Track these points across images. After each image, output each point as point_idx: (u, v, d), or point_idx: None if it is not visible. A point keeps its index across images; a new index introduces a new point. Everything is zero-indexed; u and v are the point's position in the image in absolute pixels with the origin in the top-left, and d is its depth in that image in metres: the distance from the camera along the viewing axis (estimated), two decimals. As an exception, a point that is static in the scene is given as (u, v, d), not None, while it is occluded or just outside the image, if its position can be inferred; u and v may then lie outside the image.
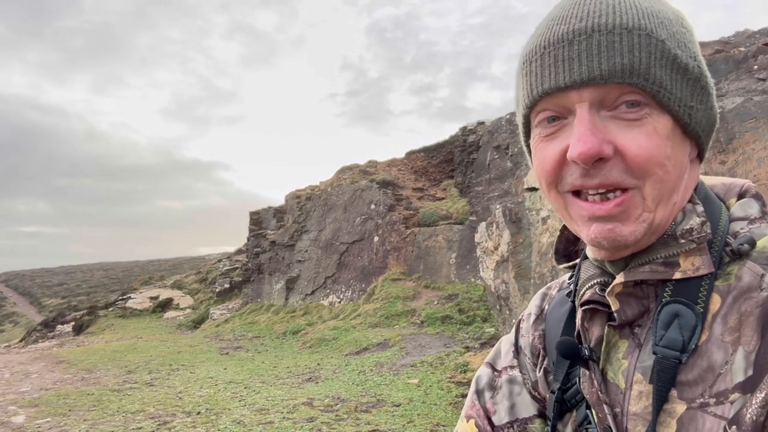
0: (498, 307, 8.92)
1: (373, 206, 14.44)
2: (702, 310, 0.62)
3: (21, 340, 21.74)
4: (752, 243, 0.63)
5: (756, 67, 5.22)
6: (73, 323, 21.33)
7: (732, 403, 0.57)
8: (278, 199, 18.81)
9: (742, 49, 5.67)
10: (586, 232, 0.66)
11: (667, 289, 0.65)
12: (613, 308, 0.68)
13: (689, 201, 0.67)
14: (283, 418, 5.49)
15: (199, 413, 5.83)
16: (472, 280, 11.21)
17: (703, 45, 6.32)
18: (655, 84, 0.61)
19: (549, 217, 6.75)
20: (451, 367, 7.22)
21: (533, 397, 0.85)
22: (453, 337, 9.18)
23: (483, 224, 9.09)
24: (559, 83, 0.63)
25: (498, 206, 8.38)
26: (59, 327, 21.96)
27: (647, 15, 0.63)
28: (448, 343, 8.83)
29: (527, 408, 0.85)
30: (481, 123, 15.13)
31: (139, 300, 23.02)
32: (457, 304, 10.50)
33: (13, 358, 10.90)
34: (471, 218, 12.46)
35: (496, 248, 8.32)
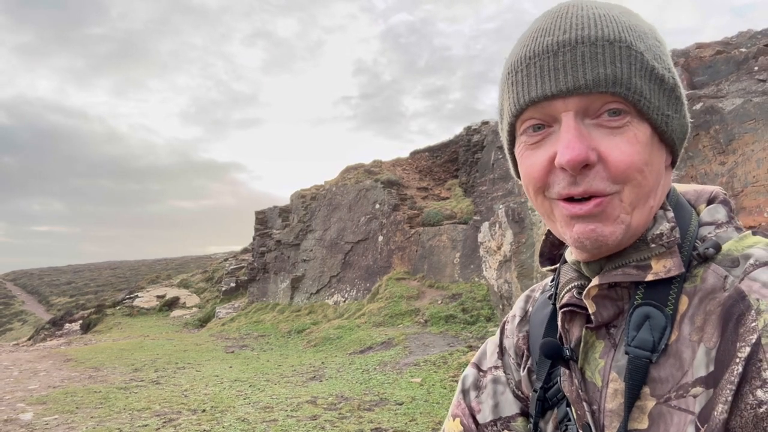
0: (501, 306, 8.95)
1: (377, 206, 14.47)
2: (671, 311, 0.65)
3: (29, 339, 21.94)
4: (717, 247, 0.66)
5: (756, 68, 5.19)
6: (80, 322, 21.52)
7: (695, 397, 0.60)
8: (289, 199, 18.93)
9: (743, 50, 5.64)
10: (569, 233, 0.68)
11: (639, 292, 0.68)
12: (590, 311, 0.71)
13: (661, 207, 0.70)
14: (287, 415, 5.55)
15: (204, 411, 5.90)
16: (476, 279, 11.23)
17: (704, 46, 6.32)
18: (636, 93, 0.64)
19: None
20: (454, 366, 7.25)
21: (516, 397, 0.88)
22: (456, 337, 9.21)
23: (486, 224, 9.11)
24: (546, 92, 0.65)
25: (501, 206, 8.41)
26: (67, 325, 22.16)
27: (626, 28, 0.65)
28: (452, 342, 8.86)
29: (510, 407, 0.88)
30: (485, 123, 15.07)
31: (146, 299, 23.18)
32: (461, 303, 10.52)
33: (21, 356, 11.03)
34: (475, 218, 12.48)
35: (499, 248, 8.35)
